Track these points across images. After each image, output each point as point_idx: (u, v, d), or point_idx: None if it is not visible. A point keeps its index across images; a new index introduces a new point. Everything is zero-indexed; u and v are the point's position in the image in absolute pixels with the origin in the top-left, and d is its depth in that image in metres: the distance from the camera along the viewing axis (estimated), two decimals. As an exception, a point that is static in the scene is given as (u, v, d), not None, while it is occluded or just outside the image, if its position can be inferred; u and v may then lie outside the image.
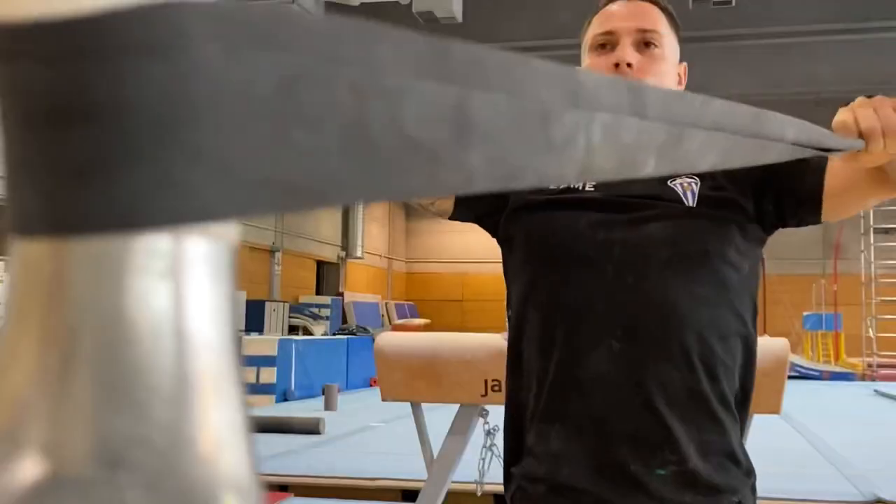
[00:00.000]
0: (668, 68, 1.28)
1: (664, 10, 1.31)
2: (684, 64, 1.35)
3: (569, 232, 1.24)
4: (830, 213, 1.22)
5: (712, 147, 0.47)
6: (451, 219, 1.37)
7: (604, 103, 0.35)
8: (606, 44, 1.27)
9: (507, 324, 1.34)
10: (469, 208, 1.35)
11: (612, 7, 1.30)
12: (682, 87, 1.34)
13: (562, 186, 1.27)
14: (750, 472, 1.26)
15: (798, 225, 1.28)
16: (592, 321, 1.20)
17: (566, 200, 1.27)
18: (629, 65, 1.24)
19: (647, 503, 1.17)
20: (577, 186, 1.29)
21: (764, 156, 0.59)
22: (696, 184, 1.25)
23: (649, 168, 0.40)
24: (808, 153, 0.73)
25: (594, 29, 1.30)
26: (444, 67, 0.27)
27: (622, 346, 1.18)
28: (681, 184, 1.25)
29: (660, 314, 1.19)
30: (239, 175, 0.22)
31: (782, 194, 1.24)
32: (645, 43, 1.26)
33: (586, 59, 1.31)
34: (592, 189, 1.28)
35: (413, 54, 0.26)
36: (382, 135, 0.25)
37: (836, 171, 1.20)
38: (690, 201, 1.23)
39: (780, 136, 0.61)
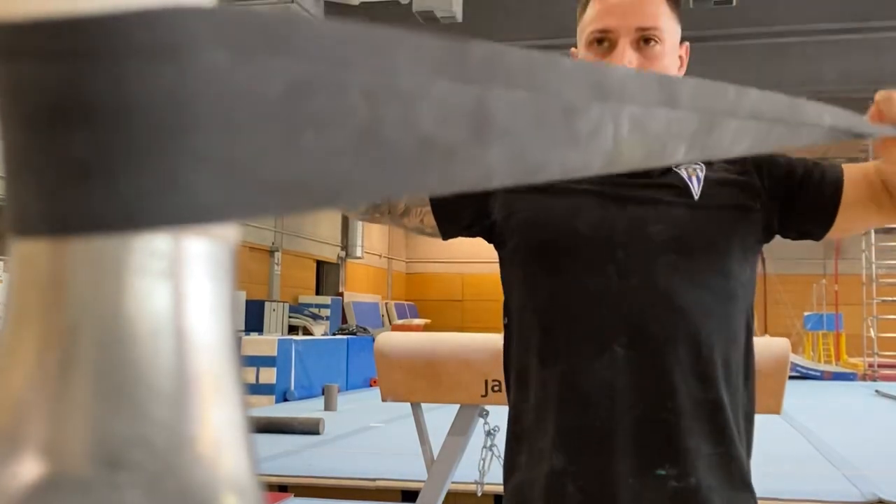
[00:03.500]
0: (669, 61, 1.22)
1: None
2: (686, 45, 1.28)
3: (567, 233, 1.20)
4: (837, 228, 1.21)
5: (745, 134, 0.46)
6: (445, 238, 1.33)
7: (632, 96, 0.34)
8: (604, 40, 1.20)
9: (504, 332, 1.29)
10: (452, 223, 1.30)
11: None
12: (684, 68, 1.28)
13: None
14: (751, 496, 1.19)
15: (797, 237, 1.24)
16: (596, 326, 1.16)
17: (561, 191, 1.22)
18: None
19: None
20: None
21: (798, 140, 0.58)
22: (702, 169, 1.22)
23: (679, 156, 0.40)
24: (843, 137, 0.73)
25: (592, 20, 1.22)
26: (461, 68, 0.26)
27: (627, 353, 1.14)
28: (685, 168, 1.21)
29: (667, 320, 1.15)
30: (246, 176, 0.21)
31: (796, 200, 1.21)
32: (645, 39, 1.19)
33: (582, 49, 1.24)
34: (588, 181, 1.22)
35: (429, 57, 0.25)
36: (397, 135, 0.24)
37: (850, 186, 1.20)
38: (695, 187, 1.20)
39: (816, 124, 0.61)
